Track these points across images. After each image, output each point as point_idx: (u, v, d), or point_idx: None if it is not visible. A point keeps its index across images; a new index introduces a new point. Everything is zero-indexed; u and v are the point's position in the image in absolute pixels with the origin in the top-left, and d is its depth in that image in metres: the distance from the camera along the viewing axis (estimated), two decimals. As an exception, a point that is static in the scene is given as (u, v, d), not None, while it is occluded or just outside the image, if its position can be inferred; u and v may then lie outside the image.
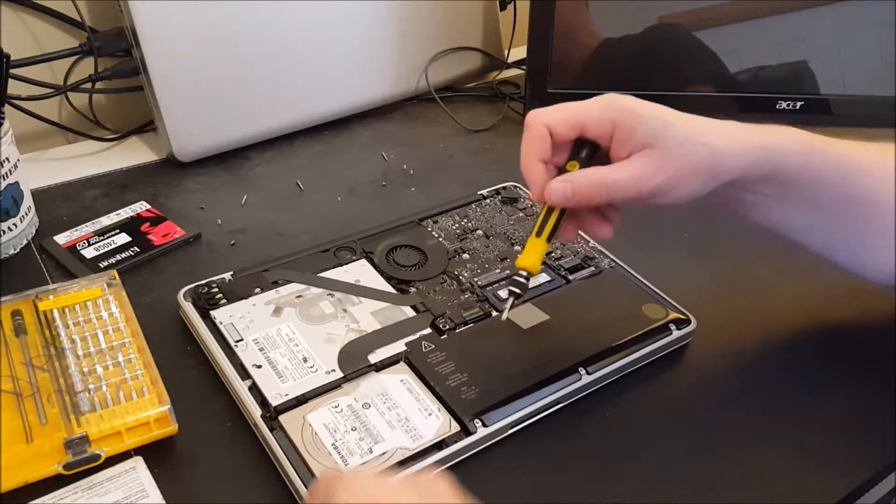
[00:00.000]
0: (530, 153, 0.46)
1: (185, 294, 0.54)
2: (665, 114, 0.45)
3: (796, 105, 0.78)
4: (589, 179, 0.44)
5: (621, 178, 0.44)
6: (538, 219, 0.47)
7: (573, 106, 0.45)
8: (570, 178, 0.45)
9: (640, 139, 0.44)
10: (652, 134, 0.44)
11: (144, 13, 0.68)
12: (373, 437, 0.45)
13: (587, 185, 0.44)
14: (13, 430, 0.43)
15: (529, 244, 0.47)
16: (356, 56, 0.81)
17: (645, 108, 0.45)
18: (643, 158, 0.44)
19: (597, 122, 0.45)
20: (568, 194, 0.44)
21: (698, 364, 0.54)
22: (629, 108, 0.44)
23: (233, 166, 0.75)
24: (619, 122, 0.44)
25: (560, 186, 0.44)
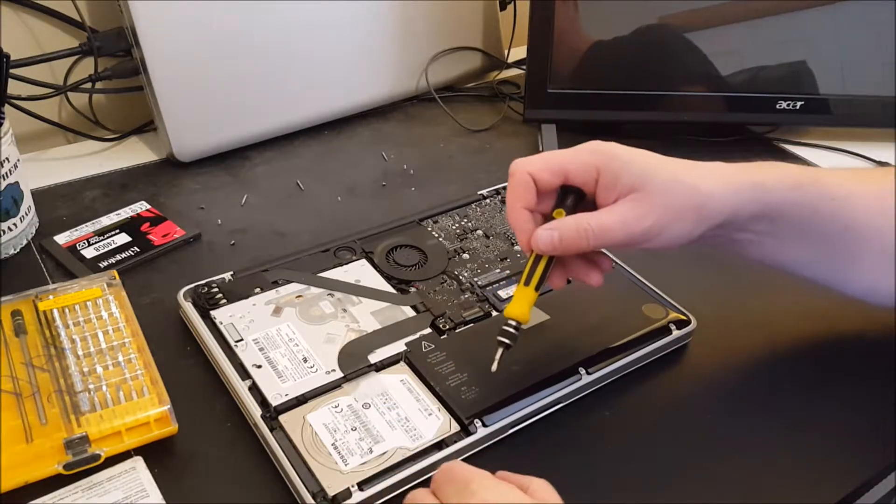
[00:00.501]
0: (515, 201, 0.45)
1: (185, 294, 0.54)
2: (649, 158, 0.44)
3: (796, 105, 0.78)
4: (576, 226, 0.43)
5: (608, 224, 0.43)
6: (526, 267, 0.46)
7: (556, 153, 0.45)
8: (556, 226, 0.44)
9: (626, 183, 0.43)
10: (637, 178, 0.43)
11: (144, 13, 0.68)
12: (373, 437, 0.45)
13: (574, 232, 0.43)
14: (13, 430, 0.43)
15: (518, 293, 0.46)
16: (356, 56, 0.81)
17: (629, 153, 0.44)
18: (630, 203, 0.43)
19: (581, 168, 0.44)
20: (555, 242, 0.44)
21: (698, 364, 0.54)
22: (613, 153, 0.44)
23: (233, 166, 0.75)
24: (604, 168, 0.44)
25: (547, 234, 0.44)
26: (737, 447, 0.48)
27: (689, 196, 0.43)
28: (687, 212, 0.43)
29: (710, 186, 0.44)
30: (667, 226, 0.43)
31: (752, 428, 0.49)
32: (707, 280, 0.61)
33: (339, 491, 0.42)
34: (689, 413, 0.50)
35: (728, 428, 0.49)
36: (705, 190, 0.44)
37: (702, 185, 0.44)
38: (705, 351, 0.54)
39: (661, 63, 0.78)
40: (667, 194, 0.43)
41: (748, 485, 0.45)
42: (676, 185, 0.43)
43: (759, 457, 0.47)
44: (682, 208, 0.43)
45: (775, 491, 0.45)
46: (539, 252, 0.45)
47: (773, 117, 0.80)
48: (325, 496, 0.42)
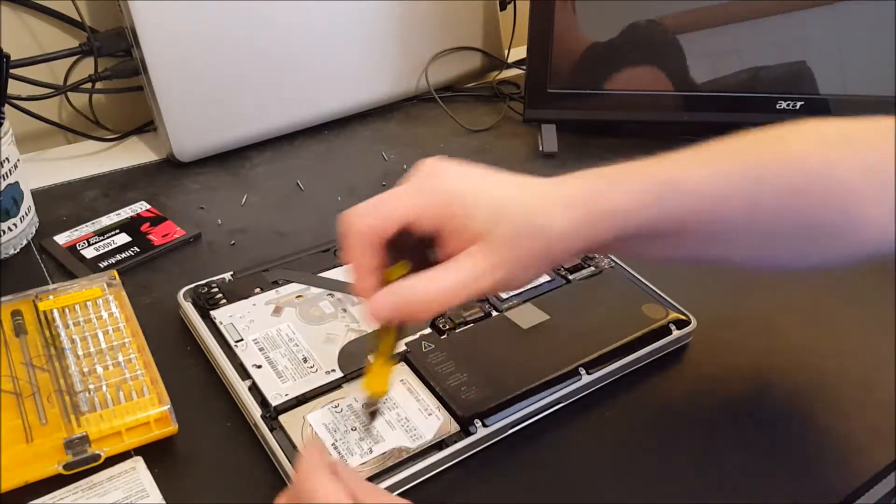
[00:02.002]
0: (357, 265, 0.39)
1: (185, 294, 0.54)
2: (499, 194, 0.39)
3: (796, 105, 0.78)
4: (416, 293, 0.38)
5: (453, 285, 0.38)
6: (375, 335, 0.41)
7: (394, 199, 0.39)
8: (394, 293, 0.38)
9: (472, 232, 0.38)
10: (485, 224, 0.38)
11: (144, 13, 0.68)
12: (373, 437, 0.45)
13: (415, 301, 0.38)
14: (13, 430, 0.43)
15: (372, 369, 0.42)
16: (356, 56, 0.81)
17: (477, 191, 0.39)
18: (475, 257, 0.38)
19: (426, 215, 0.38)
20: (389, 313, 0.38)
21: (698, 364, 0.54)
22: (459, 194, 0.39)
23: (233, 166, 0.75)
24: (450, 214, 0.38)
25: (386, 302, 0.38)
26: (737, 447, 0.48)
27: (537, 242, 0.39)
28: (535, 260, 0.39)
29: (562, 228, 0.39)
30: (515, 276, 0.39)
31: (752, 428, 0.49)
32: (707, 280, 0.61)
33: (339, 491, 0.42)
34: (689, 413, 0.50)
35: (728, 428, 0.49)
36: (557, 232, 0.39)
37: (553, 227, 0.39)
38: (705, 351, 0.54)
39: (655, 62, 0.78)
40: (514, 244, 0.38)
41: (748, 485, 0.45)
42: (524, 234, 0.38)
43: (759, 457, 0.47)
44: (531, 257, 0.39)
45: (775, 491, 0.45)
46: (380, 321, 0.40)
47: (773, 117, 0.80)
48: (325, 496, 0.41)
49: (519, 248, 0.38)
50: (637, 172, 0.41)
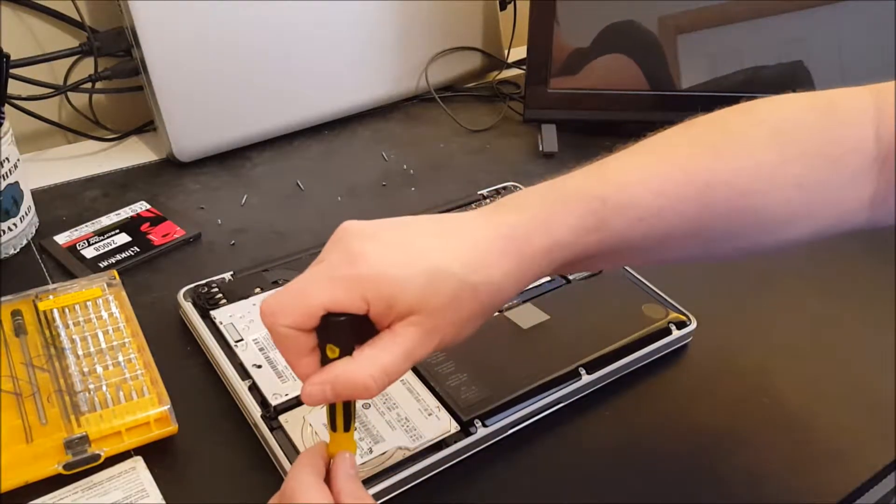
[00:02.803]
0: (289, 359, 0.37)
1: (185, 294, 0.54)
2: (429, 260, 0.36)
3: (796, 105, 0.78)
4: (349, 378, 0.36)
5: (390, 363, 0.35)
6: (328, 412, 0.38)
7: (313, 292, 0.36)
8: (325, 380, 0.36)
9: (405, 306, 0.35)
10: (418, 299, 0.35)
11: (144, 13, 0.68)
12: (373, 437, 0.45)
13: (350, 386, 0.35)
14: (13, 430, 0.43)
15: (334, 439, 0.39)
16: (356, 56, 0.81)
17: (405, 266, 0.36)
18: (409, 329, 0.36)
19: (346, 301, 0.35)
20: (330, 397, 0.36)
21: (698, 364, 0.54)
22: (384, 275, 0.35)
23: (233, 166, 0.75)
24: (373, 299, 0.35)
25: (318, 390, 0.36)
26: (737, 447, 0.48)
27: (476, 302, 0.37)
28: (475, 316, 0.37)
29: (500, 280, 0.37)
30: (454, 337, 0.37)
31: (751, 428, 0.49)
32: (707, 280, 0.61)
33: (339, 491, 0.42)
34: (689, 413, 0.50)
35: (728, 428, 0.49)
36: (495, 285, 0.37)
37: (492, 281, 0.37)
38: (705, 351, 0.55)
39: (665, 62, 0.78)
40: (454, 308, 0.36)
41: (748, 485, 0.45)
42: (463, 294, 0.36)
43: (759, 457, 0.47)
44: (471, 315, 0.37)
45: (775, 491, 0.45)
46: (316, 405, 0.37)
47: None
48: (325, 496, 0.41)
49: (458, 310, 0.36)
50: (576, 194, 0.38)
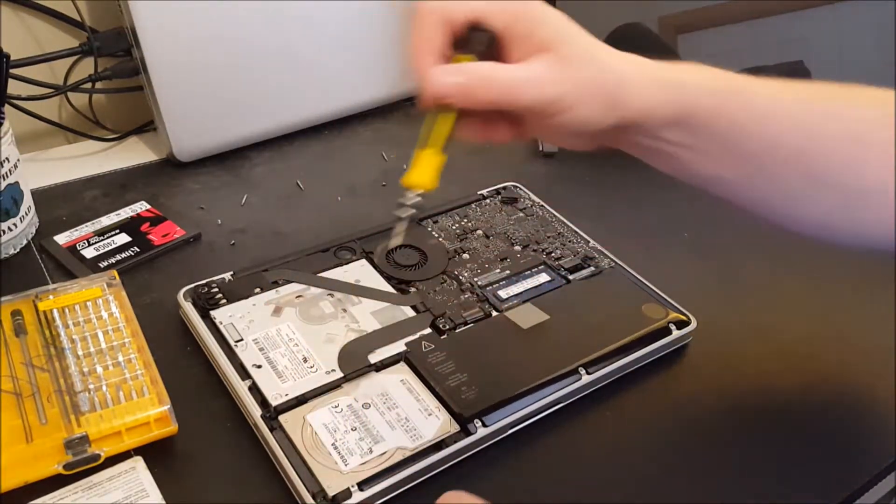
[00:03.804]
0: (421, 46, 0.39)
1: (185, 294, 0.54)
2: (569, 23, 0.39)
3: (796, 105, 0.78)
4: (482, 73, 0.38)
5: (518, 77, 0.38)
6: (424, 129, 0.39)
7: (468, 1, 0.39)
8: (461, 70, 0.38)
9: (542, 38, 0.38)
10: (554, 36, 0.38)
11: (144, 13, 0.68)
12: (373, 437, 0.45)
13: (480, 81, 0.37)
14: (13, 430, 0.43)
15: (418, 158, 0.39)
16: (356, 56, 0.81)
17: (550, 10, 0.39)
18: (542, 63, 0.38)
19: (497, 11, 0.38)
20: (452, 88, 0.37)
21: (698, 364, 0.54)
22: (537, 3, 0.39)
23: (233, 166, 0.75)
24: (522, 15, 0.38)
25: (450, 78, 0.37)
26: (736, 447, 0.48)
27: (603, 75, 0.39)
28: (599, 92, 0.39)
29: (630, 71, 0.40)
30: (576, 102, 0.39)
31: (751, 428, 0.49)
32: (707, 280, 0.61)
33: (339, 491, 0.42)
34: (689, 413, 0.50)
35: (728, 428, 0.49)
36: (623, 74, 0.39)
37: (621, 69, 0.39)
38: (705, 351, 0.55)
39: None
40: (581, 67, 0.38)
41: (748, 485, 0.46)
42: (593, 61, 0.39)
43: (759, 457, 0.47)
44: (595, 87, 0.39)
45: (775, 491, 0.45)
46: (438, 98, 0.38)
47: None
48: (325, 496, 0.42)
49: (584, 71, 0.38)
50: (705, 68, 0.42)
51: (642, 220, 0.67)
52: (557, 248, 0.61)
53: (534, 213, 0.65)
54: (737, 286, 0.61)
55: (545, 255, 0.60)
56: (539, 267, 0.59)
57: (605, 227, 0.65)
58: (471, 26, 0.39)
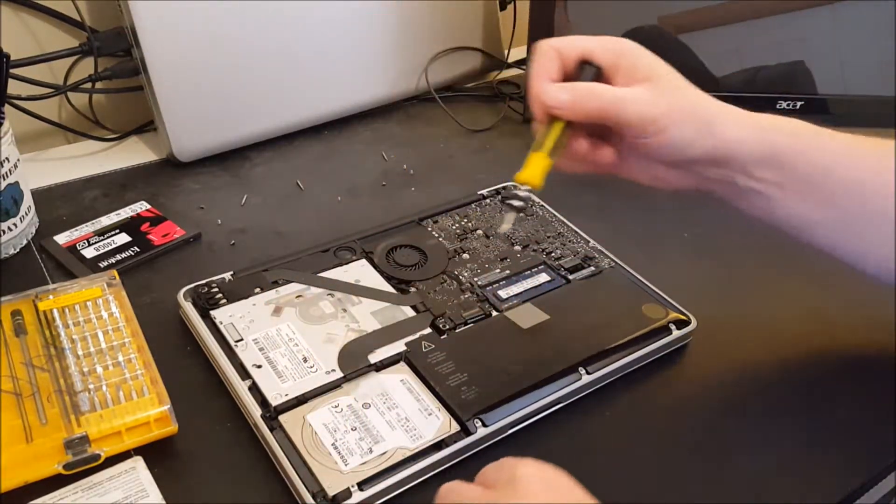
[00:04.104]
0: (539, 73, 0.46)
1: (185, 294, 0.54)
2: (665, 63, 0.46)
3: (796, 105, 0.78)
4: (590, 88, 0.45)
5: (621, 95, 0.44)
6: (538, 137, 0.46)
7: (579, 37, 0.47)
8: (572, 87, 0.45)
9: (643, 71, 0.45)
10: (652, 70, 0.45)
11: (144, 13, 0.68)
12: (373, 437, 0.45)
13: (588, 94, 0.44)
14: (13, 430, 0.43)
15: (530, 159, 0.45)
16: (356, 56, 0.81)
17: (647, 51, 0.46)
18: (642, 88, 0.44)
19: (604, 49, 0.46)
20: (568, 101, 0.44)
21: (698, 364, 0.54)
22: (633, 44, 0.46)
23: (233, 166, 0.75)
24: (625, 53, 0.45)
25: (560, 90, 0.44)
26: (736, 447, 0.48)
27: (695, 105, 0.45)
28: (692, 118, 0.45)
29: (716, 108, 0.46)
30: (672, 124, 0.44)
31: (751, 428, 0.49)
32: (707, 280, 0.61)
33: (339, 491, 0.42)
34: (689, 413, 0.50)
35: (728, 428, 0.49)
36: (709, 107, 0.45)
37: (707, 103, 0.45)
38: (705, 351, 0.55)
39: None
40: (677, 94, 0.45)
41: (748, 485, 0.46)
42: (685, 92, 0.45)
43: (759, 457, 0.47)
44: (690, 110, 0.45)
45: (775, 491, 0.45)
46: (550, 107, 0.45)
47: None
48: (325, 496, 0.42)
49: (680, 97, 0.45)
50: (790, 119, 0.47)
51: (642, 220, 0.67)
52: (557, 248, 0.61)
53: (534, 213, 0.65)
54: (737, 286, 0.61)
55: (545, 255, 0.60)
56: (539, 267, 0.59)
57: (605, 227, 0.65)
58: (581, 61, 0.46)
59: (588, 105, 0.44)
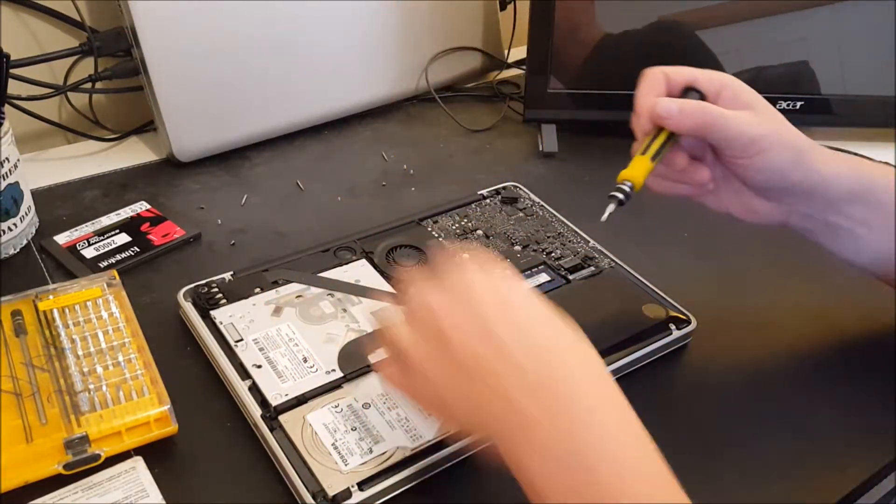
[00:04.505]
0: (648, 91, 0.49)
1: (185, 294, 0.54)
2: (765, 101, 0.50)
3: (796, 105, 0.78)
4: (697, 103, 0.48)
5: (727, 113, 0.47)
6: (644, 142, 0.49)
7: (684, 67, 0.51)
8: (680, 101, 0.48)
9: (744, 100, 0.48)
10: (752, 101, 0.48)
11: (144, 13, 0.68)
12: (373, 437, 0.45)
13: (695, 107, 0.47)
14: (13, 430, 0.43)
15: (634, 160, 0.49)
16: (356, 56, 0.81)
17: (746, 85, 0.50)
18: (745, 112, 0.48)
19: (708, 79, 0.49)
20: (675, 109, 0.47)
21: (698, 364, 0.54)
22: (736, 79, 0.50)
23: (233, 166, 0.75)
24: (728, 84, 0.49)
25: (670, 101, 0.48)
26: (736, 447, 0.48)
27: (791, 135, 0.48)
28: (790, 147, 0.48)
29: (809, 142, 0.49)
30: (771, 147, 0.47)
31: (751, 428, 0.49)
32: (707, 280, 0.61)
33: (339, 491, 0.42)
34: (688, 413, 0.50)
35: (727, 428, 0.49)
36: (804, 139, 0.49)
37: (802, 136, 0.49)
38: (705, 351, 0.54)
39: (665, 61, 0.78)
40: (777, 121, 0.48)
41: (748, 485, 0.45)
42: (783, 122, 0.49)
43: (759, 457, 0.47)
44: (786, 140, 0.48)
45: (775, 491, 0.45)
46: (657, 119, 0.48)
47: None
48: (325, 496, 0.42)
49: (779, 124, 0.48)
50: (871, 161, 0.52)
51: (642, 220, 0.67)
52: (557, 248, 0.61)
53: (534, 213, 0.65)
54: (737, 286, 0.61)
55: (545, 255, 0.60)
56: (539, 267, 0.59)
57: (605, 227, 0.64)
58: (686, 87, 0.50)
59: (694, 117, 0.47)
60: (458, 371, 0.37)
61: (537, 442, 0.35)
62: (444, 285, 0.39)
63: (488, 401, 0.36)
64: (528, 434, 0.35)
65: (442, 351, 0.37)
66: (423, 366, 0.38)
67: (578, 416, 0.35)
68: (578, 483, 0.34)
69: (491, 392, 0.36)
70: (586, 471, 0.34)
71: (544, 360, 0.36)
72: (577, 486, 0.34)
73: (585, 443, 0.34)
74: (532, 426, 0.35)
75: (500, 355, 0.36)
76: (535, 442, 0.35)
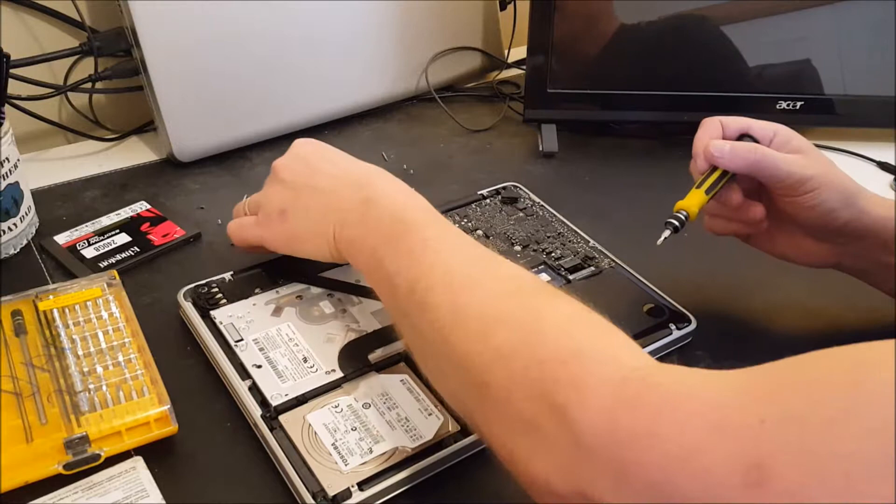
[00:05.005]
0: (704, 134, 0.53)
1: (185, 294, 0.54)
2: None
3: (796, 105, 0.78)
4: (749, 144, 0.51)
5: (779, 155, 0.50)
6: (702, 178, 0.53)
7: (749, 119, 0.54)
8: (733, 143, 0.52)
9: (795, 144, 0.52)
10: (803, 146, 0.52)
11: (144, 13, 0.68)
12: (373, 437, 0.45)
13: (745, 148, 0.51)
14: (13, 430, 0.43)
15: (690, 192, 0.52)
16: (356, 56, 0.81)
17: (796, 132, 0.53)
18: (797, 155, 0.51)
19: (762, 127, 0.53)
20: (728, 150, 0.51)
21: (698, 364, 0.54)
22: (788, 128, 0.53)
23: (233, 166, 0.75)
24: (780, 131, 0.52)
25: (723, 143, 0.51)
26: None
27: (841, 177, 0.51)
28: (839, 186, 0.50)
29: (858, 186, 0.52)
30: (822, 186, 0.50)
31: (752, 428, 0.49)
32: (707, 280, 0.61)
33: (339, 491, 0.42)
34: (689, 413, 0.50)
35: (728, 428, 0.49)
36: (853, 182, 0.52)
37: (851, 179, 0.52)
38: (705, 351, 0.54)
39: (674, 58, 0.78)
40: (825, 166, 0.51)
41: (748, 485, 0.45)
42: (833, 166, 0.52)
43: (759, 457, 0.47)
44: (836, 181, 0.51)
45: (775, 491, 0.45)
46: (710, 158, 0.51)
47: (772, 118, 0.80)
48: (325, 496, 0.42)
49: (829, 168, 0.51)
50: None
51: (642, 220, 0.67)
52: (557, 248, 0.61)
53: (534, 213, 0.65)
54: (737, 286, 0.61)
55: (545, 255, 0.60)
56: (539, 267, 0.59)
57: (605, 227, 0.65)
58: (740, 134, 0.53)
59: (745, 156, 0.50)
60: (296, 198, 0.51)
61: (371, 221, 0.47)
62: None
63: (324, 207, 0.49)
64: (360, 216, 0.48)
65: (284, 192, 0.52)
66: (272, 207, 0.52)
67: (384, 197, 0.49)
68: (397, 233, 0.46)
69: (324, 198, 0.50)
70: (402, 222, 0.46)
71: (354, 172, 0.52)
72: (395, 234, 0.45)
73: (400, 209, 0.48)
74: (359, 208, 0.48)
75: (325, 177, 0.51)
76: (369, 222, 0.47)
